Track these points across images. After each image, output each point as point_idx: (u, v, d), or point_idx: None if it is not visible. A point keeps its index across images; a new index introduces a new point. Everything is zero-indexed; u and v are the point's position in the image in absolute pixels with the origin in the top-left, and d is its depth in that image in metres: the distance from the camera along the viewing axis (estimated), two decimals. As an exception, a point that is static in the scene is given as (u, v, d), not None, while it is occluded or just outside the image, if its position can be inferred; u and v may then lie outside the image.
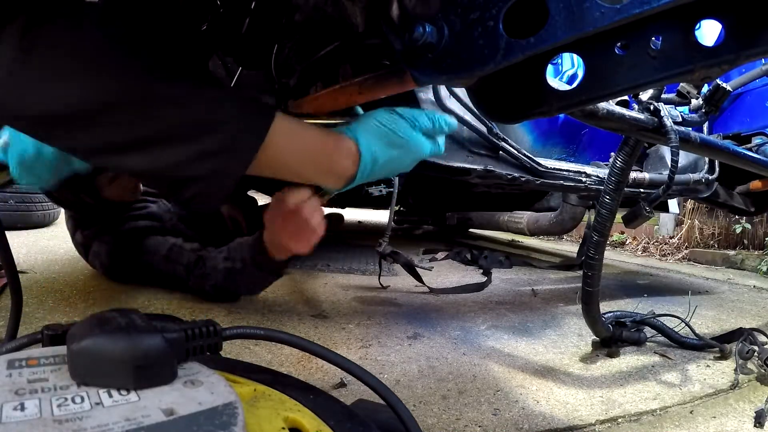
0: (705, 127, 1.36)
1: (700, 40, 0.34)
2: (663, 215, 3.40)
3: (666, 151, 1.27)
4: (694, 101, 0.78)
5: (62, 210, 1.68)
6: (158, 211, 1.30)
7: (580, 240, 2.60)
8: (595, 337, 0.97)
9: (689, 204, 3.16)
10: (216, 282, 1.07)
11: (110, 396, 0.26)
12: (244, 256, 0.99)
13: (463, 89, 0.65)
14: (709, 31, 0.36)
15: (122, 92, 0.39)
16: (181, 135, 0.42)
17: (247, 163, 0.45)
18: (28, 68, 0.37)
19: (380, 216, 4.37)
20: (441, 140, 0.61)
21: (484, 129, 0.92)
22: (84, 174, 0.72)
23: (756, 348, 0.92)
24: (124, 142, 0.41)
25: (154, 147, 0.41)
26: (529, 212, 2.45)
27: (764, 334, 1.00)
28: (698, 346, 1.01)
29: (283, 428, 0.31)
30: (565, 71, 1.42)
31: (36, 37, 0.36)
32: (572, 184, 1.11)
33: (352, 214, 4.17)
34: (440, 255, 2.27)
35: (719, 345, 0.98)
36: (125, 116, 0.40)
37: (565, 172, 1.09)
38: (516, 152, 0.98)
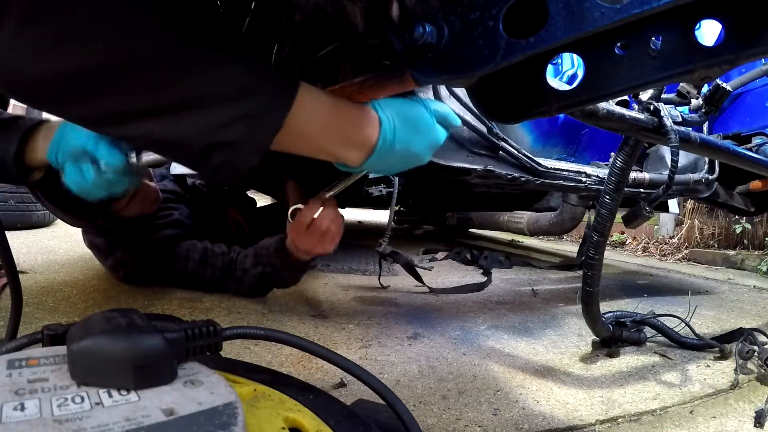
0: (705, 127, 1.36)
1: (700, 40, 0.34)
2: (663, 215, 3.40)
3: (666, 151, 1.27)
4: (694, 101, 0.78)
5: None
6: (180, 217, 1.30)
7: (580, 240, 2.59)
8: (595, 337, 0.97)
9: (689, 204, 3.16)
10: (253, 283, 1.14)
11: (110, 396, 0.26)
12: (273, 262, 1.06)
13: (463, 89, 0.65)
14: (709, 31, 0.36)
15: (147, 52, 0.37)
16: (210, 99, 0.40)
17: (276, 129, 0.43)
18: (37, 26, 0.34)
19: (380, 216, 4.37)
20: (445, 134, 0.61)
21: (484, 129, 0.92)
22: (95, 204, 0.72)
23: (756, 348, 0.92)
24: (147, 108, 0.38)
25: (180, 112, 0.39)
26: (529, 212, 2.45)
27: (764, 334, 1.00)
28: (698, 346, 1.01)
29: (283, 428, 0.31)
30: (565, 71, 1.42)
31: None
32: (572, 184, 1.11)
33: (352, 214, 4.17)
34: (440, 255, 2.27)
35: (719, 345, 0.98)
36: (149, 78, 0.37)
37: (565, 172, 1.09)
38: (516, 152, 0.98)
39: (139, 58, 0.36)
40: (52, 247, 1.82)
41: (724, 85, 0.74)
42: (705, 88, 0.78)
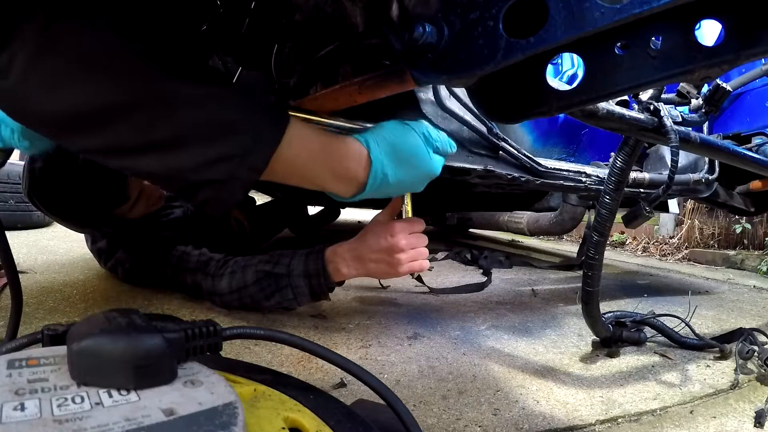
0: (705, 127, 1.36)
1: (700, 40, 0.34)
2: (663, 215, 3.40)
3: (666, 151, 1.27)
4: (694, 101, 0.78)
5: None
6: (182, 216, 1.30)
7: (580, 240, 2.60)
8: (595, 337, 0.97)
9: (689, 204, 3.16)
10: (246, 302, 1.00)
11: (110, 396, 0.26)
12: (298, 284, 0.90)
13: (463, 89, 0.65)
14: (709, 31, 0.36)
15: (140, 92, 0.39)
16: (197, 137, 0.41)
17: (263, 167, 0.44)
18: (45, 67, 0.36)
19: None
20: (441, 164, 0.61)
21: (484, 129, 0.92)
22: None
23: (756, 348, 0.92)
24: (141, 144, 0.40)
25: (169, 149, 0.41)
26: (529, 212, 2.45)
27: (764, 334, 1.00)
28: (698, 346, 1.01)
29: (283, 428, 0.31)
30: (565, 71, 1.42)
31: (54, 34, 0.36)
32: (572, 184, 1.11)
33: (352, 214, 4.17)
34: (440, 255, 2.27)
35: (719, 345, 0.98)
36: (143, 117, 0.39)
37: (565, 172, 1.09)
38: (516, 152, 0.98)
39: (130, 99, 0.39)
40: (52, 247, 1.82)
41: (724, 85, 0.74)
42: (705, 88, 0.78)
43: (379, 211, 0.88)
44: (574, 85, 0.40)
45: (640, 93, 0.65)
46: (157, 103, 0.39)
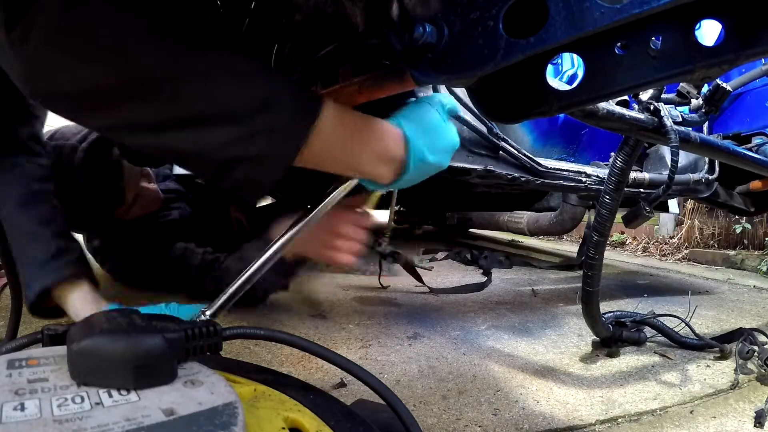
0: (705, 127, 1.36)
1: (700, 40, 0.34)
2: (663, 215, 3.40)
3: (666, 151, 1.27)
4: (694, 101, 0.78)
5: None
6: (178, 217, 1.30)
7: (580, 240, 2.59)
8: (595, 337, 0.97)
9: (689, 204, 3.16)
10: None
11: (110, 396, 0.26)
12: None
13: (463, 89, 0.65)
14: (709, 31, 0.36)
15: (171, 65, 0.37)
16: (235, 112, 0.39)
17: (300, 145, 0.41)
18: (68, 41, 0.34)
19: (380, 216, 4.36)
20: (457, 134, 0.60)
21: (484, 129, 0.92)
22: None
23: (756, 348, 0.92)
24: (173, 119, 0.38)
25: (205, 124, 0.38)
26: (529, 212, 2.45)
27: (764, 334, 1.00)
28: (698, 346, 1.01)
29: (283, 428, 0.31)
30: (565, 71, 1.42)
31: (74, 15, 0.34)
32: (572, 184, 1.11)
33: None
34: (440, 255, 2.27)
35: (719, 345, 0.98)
36: (173, 90, 0.37)
37: (565, 172, 1.09)
38: (516, 152, 0.98)
39: (159, 73, 0.36)
40: (52, 247, 1.82)
41: (724, 85, 0.74)
42: (705, 88, 0.78)
43: (379, 211, 0.88)
44: (574, 85, 0.40)
45: (640, 93, 0.65)
46: (192, 76, 0.37)
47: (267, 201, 2.10)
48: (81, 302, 0.73)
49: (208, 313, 0.60)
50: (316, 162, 0.46)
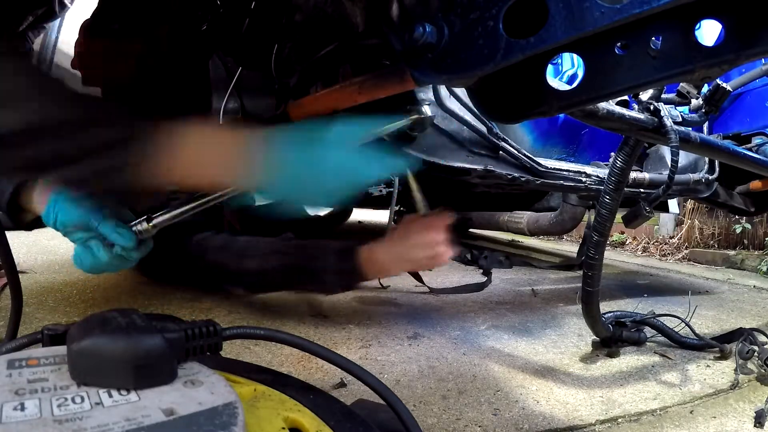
0: (705, 127, 1.36)
1: (700, 40, 0.34)
2: (663, 215, 3.40)
3: (666, 151, 1.27)
4: (694, 101, 0.78)
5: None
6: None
7: (580, 240, 2.59)
8: (595, 337, 0.97)
9: (689, 204, 3.16)
10: (264, 273, 1.03)
11: (110, 396, 0.26)
12: (329, 263, 0.94)
13: (463, 89, 0.65)
14: (709, 31, 0.36)
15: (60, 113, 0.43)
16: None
17: None
18: None
19: (380, 216, 4.37)
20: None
21: (484, 129, 0.92)
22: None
23: (756, 348, 0.92)
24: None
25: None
26: (529, 212, 2.45)
27: (764, 334, 1.00)
28: (698, 346, 1.01)
29: (283, 428, 0.31)
30: (565, 71, 1.42)
31: None
32: (572, 184, 1.11)
33: (351, 214, 4.16)
34: (440, 255, 2.26)
35: (719, 345, 0.98)
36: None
37: (565, 172, 1.09)
38: (516, 152, 0.98)
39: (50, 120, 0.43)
40: (52, 247, 1.82)
41: (724, 85, 0.74)
42: (705, 88, 0.78)
43: (379, 211, 0.89)
44: (574, 85, 0.40)
45: (640, 93, 0.65)
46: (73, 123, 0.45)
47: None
48: (37, 194, 0.74)
49: (140, 227, 0.60)
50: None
